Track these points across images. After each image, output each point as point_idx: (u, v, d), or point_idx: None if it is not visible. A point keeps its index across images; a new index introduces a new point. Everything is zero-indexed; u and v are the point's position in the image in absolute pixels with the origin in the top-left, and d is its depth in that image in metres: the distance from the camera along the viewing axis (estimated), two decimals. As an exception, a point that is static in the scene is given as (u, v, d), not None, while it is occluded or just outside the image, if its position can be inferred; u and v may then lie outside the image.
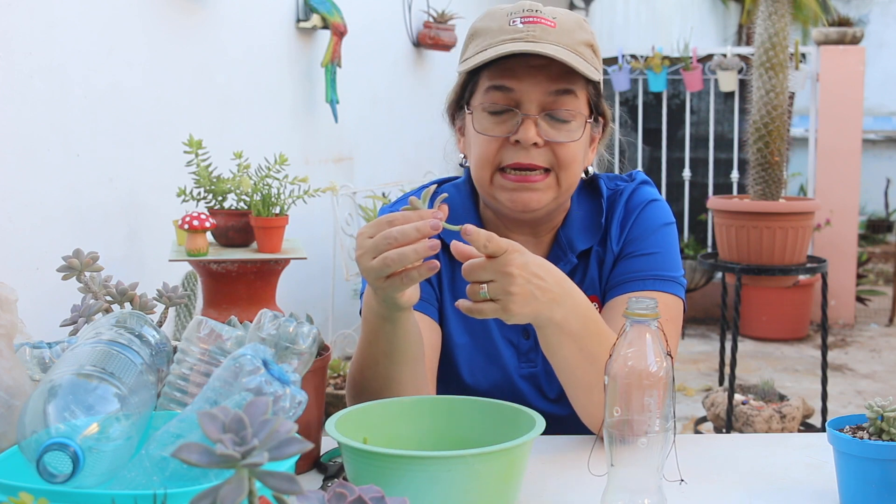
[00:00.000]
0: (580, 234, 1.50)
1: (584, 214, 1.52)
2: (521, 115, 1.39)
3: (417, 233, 1.16)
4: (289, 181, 2.44)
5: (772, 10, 3.58)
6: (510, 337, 1.51)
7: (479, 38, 1.42)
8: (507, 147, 1.40)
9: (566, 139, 1.40)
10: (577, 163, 1.43)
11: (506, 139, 1.40)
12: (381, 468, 1.02)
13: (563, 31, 1.39)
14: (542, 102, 1.39)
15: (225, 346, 1.13)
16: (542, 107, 1.39)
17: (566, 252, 1.50)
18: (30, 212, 2.37)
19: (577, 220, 1.51)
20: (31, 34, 2.36)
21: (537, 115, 1.39)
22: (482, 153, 1.42)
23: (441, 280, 1.52)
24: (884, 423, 1.14)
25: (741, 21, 9.83)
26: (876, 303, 6.54)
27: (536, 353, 1.50)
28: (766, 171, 3.67)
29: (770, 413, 3.61)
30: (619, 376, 1.07)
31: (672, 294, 1.46)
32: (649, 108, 6.11)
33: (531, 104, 1.39)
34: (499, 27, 1.40)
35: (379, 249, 1.18)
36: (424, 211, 1.19)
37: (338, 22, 3.90)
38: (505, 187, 1.42)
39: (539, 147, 1.39)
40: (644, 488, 1.08)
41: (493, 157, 1.41)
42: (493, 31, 1.40)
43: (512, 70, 1.39)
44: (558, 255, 1.50)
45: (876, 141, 9.42)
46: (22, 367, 1.13)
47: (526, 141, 1.38)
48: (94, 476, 0.92)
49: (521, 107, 1.39)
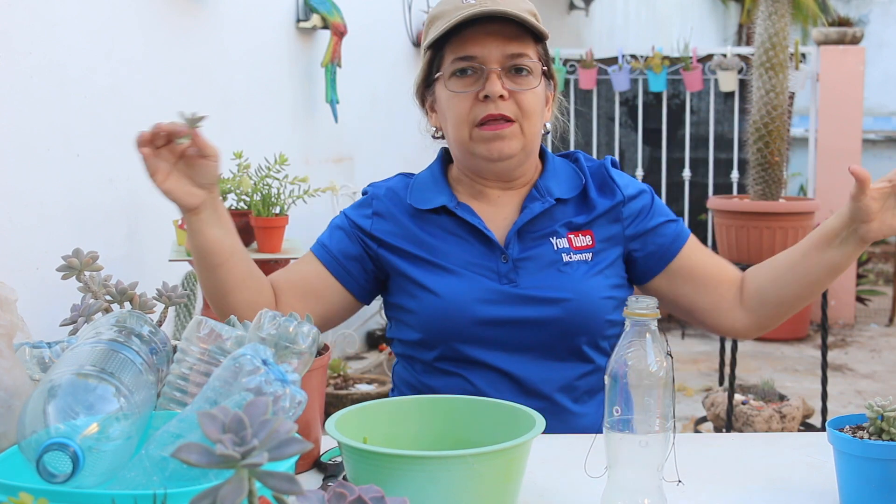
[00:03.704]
0: (559, 185, 1.66)
1: (562, 174, 1.68)
2: (486, 71, 1.57)
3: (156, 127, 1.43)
4: (289, 181, 2.44)
5: (772, 10, 3.58)
6: (489, 264, 1.60)
7: (438, 21, 1.60)
8: (477, 104, 1.58)
9: (527, 88, 1.58)
10: (538, 113, 1.61)
11: (476, 97, 1.58)
12: (381, 468, 1.02)
13: (510, 2, 1.57)
14: (503, 60, 1.57)
15: (225, 346, 1.13)
16: (503, 64, 1.58)
17: (543, 195, 1.64)
18: (30, 212, 2.37)
19: (553, 175, 1.67)
20: (31, 34, 2.36)
21: (500, 70, 1.57)
22: (457, 113, 1.59)
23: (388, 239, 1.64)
24: (884, 423, 1.14)
25: (741, 21, 9.83)
26: (876, 303, 6.54)
27: (517, 273, 1.59)
28: (766, 171, 3.67)
29: (770, 413, 3.61)
30: (619, 376, 1.07)
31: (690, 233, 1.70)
32: (649, 108, 6.11)
33: (493, 63, 1.57)
34: (454, 7, 1.58)
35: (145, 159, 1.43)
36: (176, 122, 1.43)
37: (338, 22, 3.90)
38: (483, 138, 1.58)
39: (505, 99, 1.57)
40: (644, 488, 1.08)
41: (467, 114, 1.58)
42: (449, 11, 1.58)
43: (472, 38, 1.57)
44: (534, 197, 1.64)
45: (876, 141, 9.42)
46: (22, 367, 1.13)
47: (493, 93, 1.55)
48: (94, 476, 0.92)
49: (486, 66, 1.57)
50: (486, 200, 1.66)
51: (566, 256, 1.61)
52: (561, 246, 1.61)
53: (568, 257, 1.61)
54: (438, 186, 1.67)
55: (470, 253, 1.62)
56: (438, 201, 1.64)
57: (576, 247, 1.62)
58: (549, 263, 1.60)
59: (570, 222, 1.63)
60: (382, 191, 1.69)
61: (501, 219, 1.64)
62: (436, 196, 1.65)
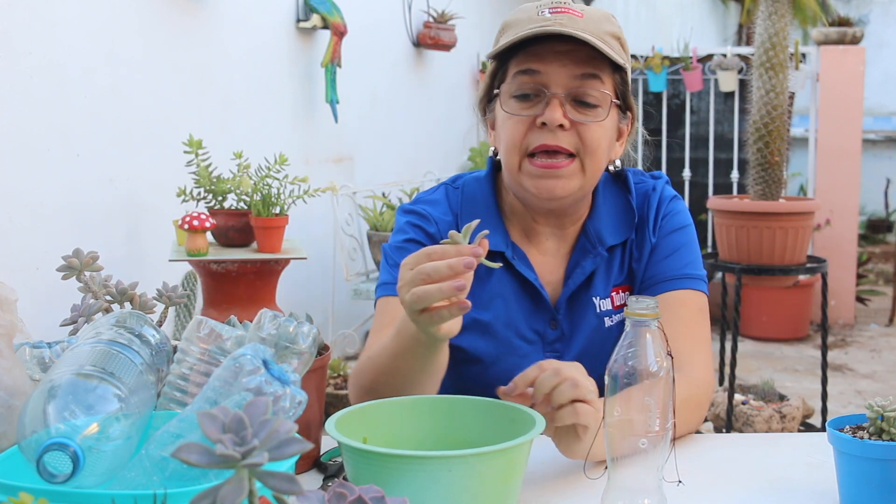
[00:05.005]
0: (610, 227, 1.52)
1: (612, 208, 1.53)
2: (547, 95, 1.40)
3: (450, 270, 1.15)
4: (289, 181, 2.44)
5: (772, 10, 3.58)
6: (536, 327, 1.50)
7: (509, 30, 1.44)
8: (534, 130, 1.41)
9: (592, 120, 1.42)
10: (603, 149, 1.44)
11: (533, 122, 1.41)
12: (381, 468, 1.02)
13: (591, 21, 1.41)
14: (569, 86, 1.41)
15: (225, 346, 1.13)
16: (569, 90, 1.41)
17: (594, 245, 1.50)
18: (30, 212, 2.37)
19: (605, 214, 1.53)
20: (31, 34, 2.36)
21: (563, 96, 1.41)
22: (510, 137, 1.43)
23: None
24: (884, 423, 1.14)
25: (741, 21, 9.83)
26: (876, 303, 6.54)
27: (563, 343, 1.49)
28: (766, 171, 3.67)
29: (770, 413, 3.61)
30: (619, 376, 1.07)
31: (702, 292, 1.52)
32: (649, 108, 6.11)
33: (557, 87, 1.41)
34: (527, 17, 1.43)
35: (413, 283, 1.17)
36: (463, 247, 1.17)
37: (338, 22, 3.89)
38: (532, 174, 1.42)
39: (565, 130, 1.40)
40: (644, 488, 1.08)
41: (520, 141, 1.42)
42: (522, 21, 1.43)
43: (539, 54, 1.41)
44: (586, 248, 1.50)
45: (876, 141, 9.41)
46: (22, 367, 1.13)
47: (552, 121, 1.39)
48: (94, 476, 0.92)
49: (548, 89, 1.41)
50: (537, 244, 1.52)
51: (608, 320, 1.50)
52: (604, 308, 1.50)
53: (610, 321, 1.50)
54: (492, 220, 1.50)
55: (517, 311, 1.49)
56: (494, 243, 1.46)
57: (616, 306, 1.51)
58: (592, 331, 1.49)
59: (614, 279, 1.50)
60: (434, 210, 1.53)
61: (549, 271, 1.51)
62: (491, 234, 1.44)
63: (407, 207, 1.57)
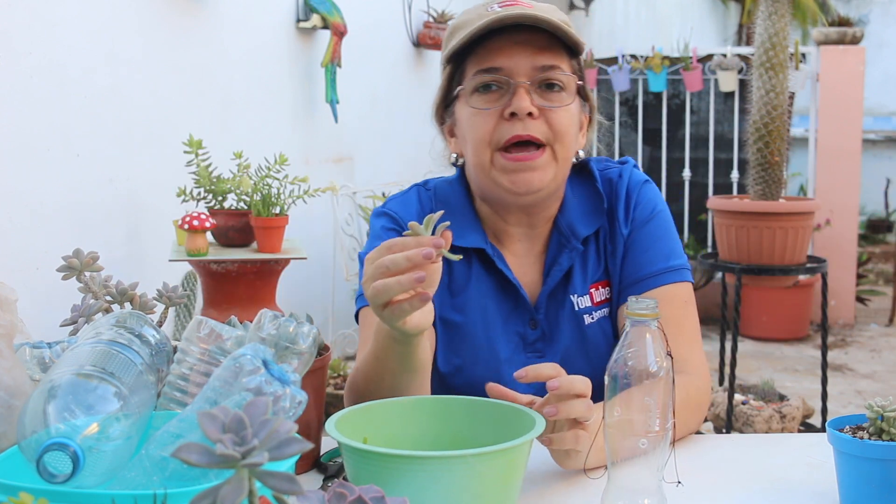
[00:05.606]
0: (580, 218, 1.49)
1: (581, 199, 1.50)
2: (513, 85, 1.38)
3: (408, 262, 1.11)
4: (289, 181, 2.44)
5: (772, 10, 3.58)
6: (517, 328, 1.48)
7: (461, 30, 1.42)
8: (502, 123, 1.39)
9: (559, 104, 1.40)
10: (571, 136, 1.42)
11: (500, 115, 1.39)
12: (381, 468, 1.02)
13: (542, 10, 1.39)
14: (532, 73, 1.39)
15: (225, 346, 1.13)
16: (532, 77, 1.39)
17: (569, 239, 1.47)
18: (30, 212, 2.37)
19: (574, 206, 1.50)
20: (31, 34, 2.36)
21: (528, 84, 1.38)
22: (478, 133, 1.40)
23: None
24: (884, 423, 1.14)
25: (741, 21, 9.83)
26: (876, 303, 6.54)
27: (544, 343, 1.47)
28: (766, 171, 3.67)
29: (770, 413, 3.61)
30: (619, 376, 1.07)
31: (685, 281, 1.48)
32: (649, 108, 6.10)
33: (521, 76, 1.38)
34: (478, 15, 1.40)
35: (374, 277, 1.14)
36: (424, 238, 1.14)
37: (338, 22, 3.90)
38: (506, 168, 1.40)
39: (534, 118, 1.38)
40: (644, 488, 1.08)
41: (489, 136, 1.39)
42: (473, 20, 1.40)
43: (497, 48, 1.39)
44: (561, 244, 1.48)
45: (876, 141, 9.42)
46: (22, 367, 1.13)
47: (521, 110, 1.36)
48: (94, 476, 0.92)
49: (513, 79, 1.39)
50: (509, 246, 1.50)
51: (588, 318, 1.47)
52: (582, 306, 1.47)
53: (590, 318, 1.47)
54: (467, 218, 1.49)
55: (496, 310, 1.47)
56: (473, 240, 1.46)
57: (596, 302, 1.48)
58: (572, 327, 1.47)
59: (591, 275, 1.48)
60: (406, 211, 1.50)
61: (524, 272, 1.49)
62: (467, 231, 1.47)
63: (379, 211, 1.54)
